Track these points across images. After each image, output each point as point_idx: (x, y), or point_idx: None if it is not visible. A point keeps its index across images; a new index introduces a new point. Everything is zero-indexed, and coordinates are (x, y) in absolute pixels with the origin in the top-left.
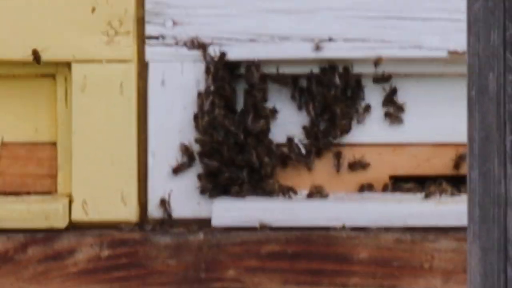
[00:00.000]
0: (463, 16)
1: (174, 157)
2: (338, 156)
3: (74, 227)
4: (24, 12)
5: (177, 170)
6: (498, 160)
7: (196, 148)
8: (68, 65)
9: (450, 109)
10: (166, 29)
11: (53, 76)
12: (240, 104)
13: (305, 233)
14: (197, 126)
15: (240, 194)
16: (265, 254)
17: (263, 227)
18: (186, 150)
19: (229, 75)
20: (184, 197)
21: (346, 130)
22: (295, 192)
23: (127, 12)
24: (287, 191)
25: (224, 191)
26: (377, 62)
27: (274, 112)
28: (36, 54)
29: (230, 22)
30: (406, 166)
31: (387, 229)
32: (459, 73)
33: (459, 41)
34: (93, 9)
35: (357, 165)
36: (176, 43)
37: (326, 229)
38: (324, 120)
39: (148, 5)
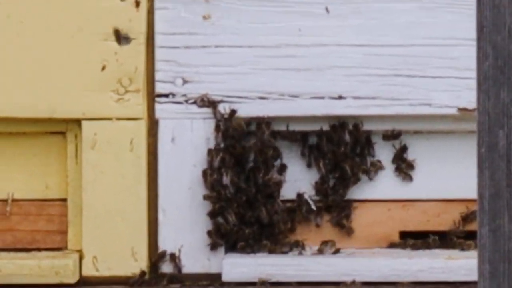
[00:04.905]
0: (472, 74)
1: (184, 213)
2: (347, 212)
3: (84, 282)
4: (35, 70)
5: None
6: (508, 216)
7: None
8: (78, 122)
9: (460, 165)
10: (176, 87)
11: (63, 134)
12: (250, 160)
13: None
14: (205, 183)
15: (250, 249)
16: None
17: (273, 283)
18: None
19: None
20: (194, 253)
21: (356, 186)
22: (304, 248)
23: (137, 70)
24: (297, 247)
25: (234, 246)
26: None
27: (284, 168)
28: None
29: (240, 80)
30: (416, 221)
31: (397, 284)
32: (468, 130)
33: (469, 98)
34: (103, 67)
35: None
36: (186, 101)
37: (337, 284)
38: (334, 176)
39: (158, 63)
